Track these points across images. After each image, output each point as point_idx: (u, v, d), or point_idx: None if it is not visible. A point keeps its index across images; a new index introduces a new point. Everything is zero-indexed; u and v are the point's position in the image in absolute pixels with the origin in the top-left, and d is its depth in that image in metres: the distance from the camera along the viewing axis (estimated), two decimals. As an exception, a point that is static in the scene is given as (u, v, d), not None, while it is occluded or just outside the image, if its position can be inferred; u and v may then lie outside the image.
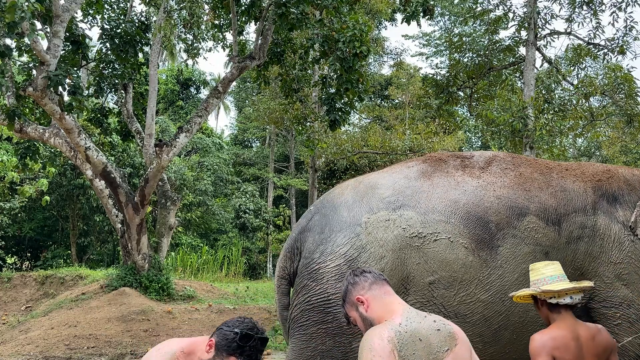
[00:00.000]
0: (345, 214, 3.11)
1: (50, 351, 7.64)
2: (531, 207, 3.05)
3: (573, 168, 3.39)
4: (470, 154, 3.46)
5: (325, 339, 2.93)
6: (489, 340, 2.87)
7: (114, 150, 15.51)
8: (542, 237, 3.00)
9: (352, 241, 2.99)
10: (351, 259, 2.94)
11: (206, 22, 12.54)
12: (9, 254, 17.76)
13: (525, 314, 2.94)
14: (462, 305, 2.91)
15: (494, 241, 2.96)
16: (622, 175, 3.33)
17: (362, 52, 9.09)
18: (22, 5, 6.09)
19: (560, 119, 10.52)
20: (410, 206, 3.05)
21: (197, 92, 28.80)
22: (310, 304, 2.96)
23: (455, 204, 3.04)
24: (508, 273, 2.93)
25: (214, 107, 10.80)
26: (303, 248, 3.15)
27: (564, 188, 3.18)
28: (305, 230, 3.22)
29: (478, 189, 3.11)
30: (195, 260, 17.80)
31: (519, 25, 11.86)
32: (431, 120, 18.32)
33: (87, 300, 9.98)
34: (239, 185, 24.27)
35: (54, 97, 8.08)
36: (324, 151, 15.70)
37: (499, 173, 3.22)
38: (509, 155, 3.46)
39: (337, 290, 2.90)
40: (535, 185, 3.17)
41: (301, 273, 3.08)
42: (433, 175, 3.22)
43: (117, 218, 10.54)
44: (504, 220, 3.00)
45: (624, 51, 11.41)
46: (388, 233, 2.97)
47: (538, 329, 2.96)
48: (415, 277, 2.91)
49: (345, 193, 3.27)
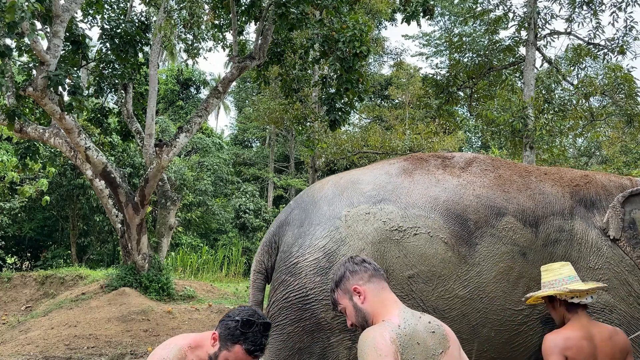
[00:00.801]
0: (325, 208, 3.11)
1: (50, 351, 7.64)
2: (509, 208, 3.08)
3: (552, 172, 3.42)
4: (451, 154, 3.50)
5: (303, 336, 2.91)
6: (466, 337, 2.88)
7: (114, 150, 15.51)
8: (519, 237, 3.02)
9: (332, 234, 2.98)
10: (330, 252, 2.93)
11: (206, 22, 12.54)
12: (9, 254, 17.76)
13: (504, 312, 2.96)
14: (441, 301, 2.92)
15: (473, 239, 2.98)
16: (600, 181, 3.36)
17: (362, 52, 9.09)
18: (22, 5, 6.09)
19: (560, 119, 10.53)
20: (391, 200, 3.06)
21: (197, 92, 28.81)
22: (288, 300, 2.94)
23: (435, 200, 3.06)
24: (486, 271, 2.95)
25: (214, 107, 10.80)
26: (281, 242, 3.13)
27: (542, 191, 3.21)
28: (284, 224, 3.20)
29: (458, 187, 3.14)
30: (195, 260, 17.80)
31: (519, 25, 11.86)
32: (431, 120, 18.33)
33: (87, 300, 9.98)
34: (239, 185, 24.28)
35: (54, 97, 8.08)
36: (324, 151, 15.71)
37: (478, 173, 3.26)
38: (489, 157, 3.50)
39: (315, 285, 2.88)
40: (513, 187, 3.20)
41: (279, 267, 3.05)
42: (414, 172, 3.25)
43: (117, 218, 10.54)
44: (483, 219, 3.03)
45: (624, 51, 11.41)
46: (368, 226, 2.97)
47: (516, 327, 2.99)
48: (395, 271, 2.91)
49: (326, 188, 3.26)
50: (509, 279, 2.96)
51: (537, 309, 3.00)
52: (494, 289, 2.94)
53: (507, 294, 2.96)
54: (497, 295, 2.95)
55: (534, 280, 2.98)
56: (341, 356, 2.88)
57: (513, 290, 2.96)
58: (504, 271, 2.96)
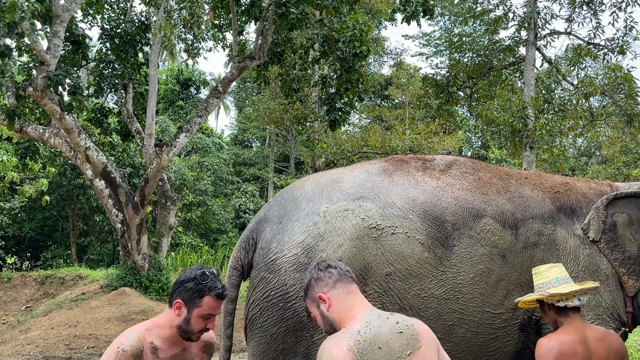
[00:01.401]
0: (305, 204, 3.11)
1: (50, 351, 7.64)
2: (488, 210, 3.09)
3: (532, 177, 3.43)
4: (432, 157, 3.52)
5: (287, 337, 2.90)
6: (442, 336, 2.86)
7: (114, 150, 15.51)
8: (498, 239, 3.03)
9: (310, 230, 2.97)
10: (309, 248, 2.92)
11: (206, 22, 12.54)
12: (9, 254, 17.75)
13: (481, 314, 2.95)
14: (417, 299, 2.92)
15: (450, 240, 2.99)
16: (580, 188, 3.36)
17: (362, 52, 9.09)
18: (22, 5, 6.09)
19: (560, 119, 10.53)
20: (370, 198, 3.07)
21: (197, 92, 28.80)
22: (269, 300, 2.92)
23: (413, 201, 3.07)
24: (463, 272, 2.95)
25: (214, 107, 10.80)
26: (259, 238, 3.12)
27: (522, 194, 3.22)
28: (262, 221, 3.19)
29: (436, 190, 3.15)
30: (195, 260, 17.78)
31: (519, 25, 11.87)
32: (431, 120, 18.34)
33: (87, 300, 9.98)
34: (239, 185, 24.28)
35: (54, 97, 8.08)
36: (324, 151, 15.72)
37: (458, 176, 3.27)
38: (470, 160, 3.51)
39: (295, 282, 2.87)
40: (493, 189, 3.21)
41: (257, 264, 3.03)
42: (394, 173, 3.26)
43: (117, 218, 10.54)
44: (460, 221, 3.03)
45: (624, 51, 11.42)
46: (346, 222, 2.98)
47: (493, 330, 2.97)
48: (374, 267, 2.91)
49: (306, 186, 3.27)
50: (488, 281, 2.95)
51: (517, 314, 2.98)
52: (470, 290, 2.94)
53: (485, 296, 2.95)
54: (474, 296, 2.94)
55: (514, 283, 2.98)
56: None
57: (492, 293, 2.95)
58: (482, 273, 2.95)
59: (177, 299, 2.18)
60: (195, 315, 2.16)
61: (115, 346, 2.11)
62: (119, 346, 2.10)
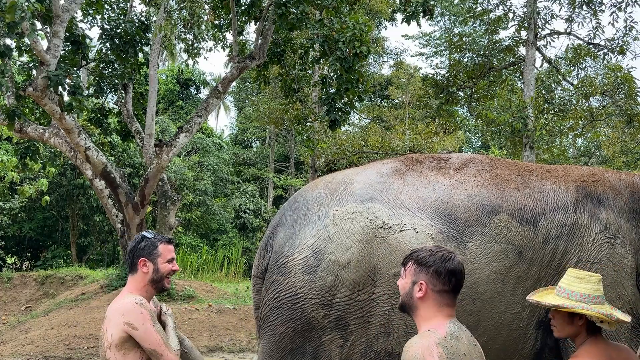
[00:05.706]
0: (316, 208, 3.11)
1: (50, 351, 7.64)
2: (504, 206, 3.03)
3: (556, 170, 3.36)
4: (448, 155, 3.46)
5: (295, 337, 2.91)
6: None
7: (114, 150, 15.52)
8: (515, 235, 2.96)
9: (320, 233, 2.98)
10: (318, 251, 2.94)
11: (206, 22, 12.53)
12: (9, 254, 17.77)
13: (500, 317, 2.89)
14: None
15: (462, 237, 2.93)
16: (608, 179, 3.28)
17: (362, 52, 9.08)
18: (22, 5, 6.09)
19: (560, 119, 10.53)
20: (379, 199, 3.06)
21: (197, 92, 28.80)
22: (279, 300, 2.95)
23: (423, 200, 3.04)
24: (478, 270, 2.89)
25: (214, 107, 10.80)
26: (274, 243, 3.15)
27: (542, 189, 3.15)
28: (277, 226, 3.21)
29: (448, 188, 3.11)
30: (195, 260, 17.79)
31: (519, 25, 11.87)
32: (431, 120, 18.33)
33: (87, 300, 9.98)
34: (239, 185, 24.28)
35: (54, 97, 8.08)
36: (324, 151, 15.70)
37: (473, 174, 3.22)
38: (488, 157, 3.43)
39: (304, 283, 2.89)
40: (511, 185, 3.15)
41: (271, 268, 3.07)
42: (406, 173, 3.23)
43: (117, 218, 10.54)
44: (473, 218, 2.98)
45: (624, 51, 11.42)
46: (355, 224, 2.97)
47: (512, 333, 2.89)
48: (382, 269, 2.89)
49: (318, 188, 3.27)
50: (504, 279, 2.89)
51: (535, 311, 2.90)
52: (486, 289, 2.88)
53: (502, 295, 2.89)
54: (491, 296, 2.88)
55: (533, 279, 2.90)
56: (333, 355, 2.87)
57: (509, 291, 2.89)
58: (497, 271, 2.89)
59: (139, 259, 2.51)
60: (160, 263, 2.53)
61: (131, 304, 2.38)
62: (136, 301, 2.39)
